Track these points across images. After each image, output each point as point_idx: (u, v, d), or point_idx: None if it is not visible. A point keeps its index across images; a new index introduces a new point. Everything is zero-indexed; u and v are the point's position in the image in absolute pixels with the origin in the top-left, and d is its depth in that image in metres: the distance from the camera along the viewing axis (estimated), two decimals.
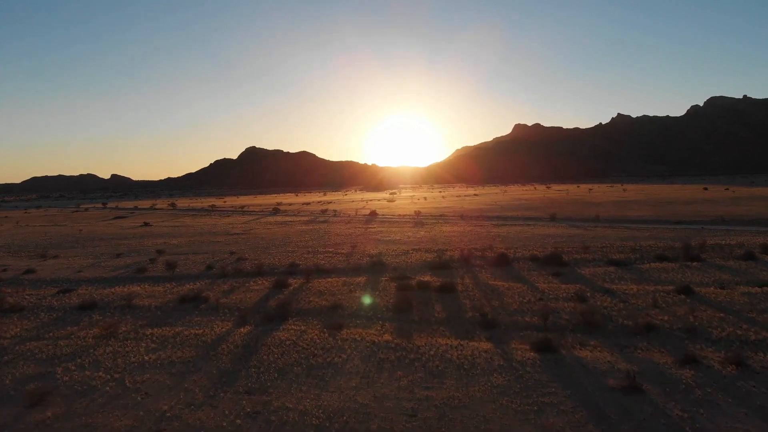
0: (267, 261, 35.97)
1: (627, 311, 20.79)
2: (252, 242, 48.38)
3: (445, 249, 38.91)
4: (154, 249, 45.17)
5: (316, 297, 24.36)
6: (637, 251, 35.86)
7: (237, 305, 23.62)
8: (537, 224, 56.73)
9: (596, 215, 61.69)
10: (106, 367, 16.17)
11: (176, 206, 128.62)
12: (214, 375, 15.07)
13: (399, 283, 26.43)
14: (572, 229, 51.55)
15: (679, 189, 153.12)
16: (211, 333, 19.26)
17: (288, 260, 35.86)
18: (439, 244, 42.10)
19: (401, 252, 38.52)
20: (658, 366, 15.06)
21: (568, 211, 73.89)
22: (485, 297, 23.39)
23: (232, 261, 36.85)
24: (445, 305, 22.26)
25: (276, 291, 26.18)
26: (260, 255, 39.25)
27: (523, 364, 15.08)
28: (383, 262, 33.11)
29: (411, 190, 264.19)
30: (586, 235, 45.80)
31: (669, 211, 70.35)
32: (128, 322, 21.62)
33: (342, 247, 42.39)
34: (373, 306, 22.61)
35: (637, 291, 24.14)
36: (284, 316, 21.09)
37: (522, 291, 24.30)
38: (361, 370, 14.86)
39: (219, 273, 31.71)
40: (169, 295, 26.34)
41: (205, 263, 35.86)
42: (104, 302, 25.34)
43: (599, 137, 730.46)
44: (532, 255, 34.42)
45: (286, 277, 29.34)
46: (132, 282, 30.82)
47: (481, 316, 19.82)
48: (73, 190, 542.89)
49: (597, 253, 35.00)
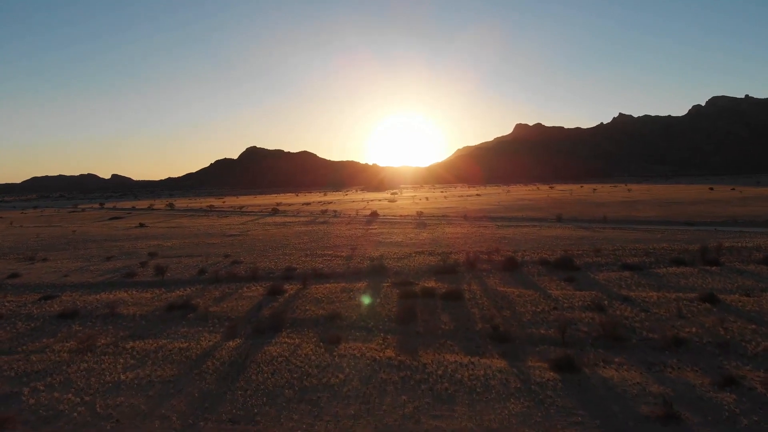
0: (263, 264, 34.31)
1: (650, 322, 19.10)
2: (248, 244, 46.72)
3: (449, 252, 37.24)
4: (147, 251, 43.53)
5: (312, 305, 22.68)
6: (651, 254, 34.16)
7: (228, 314, 21.96)
8: (543, 225, 55.04)
9: (603, 216, 59.99)
10: (77, 388, 14.51)
11: (174, 207, 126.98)
12: (196, 398, 13.39)
13: (402, 290, 24.76)
14: (580, 230, 49.84)
15: (684, 189, 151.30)
16: (197, 347, 17.59)
17: (285, 264, 34.20)
18: (443, 247, 40.42)
19: (403, 255, 36.85)
20: (694, 388, 13.38)
21: (574, 211, 72.20)
22: (495, 306, 21.71)
23: (226, 264, 35.18)
24: (452, 315, 20.58)
25: (270, 298, 24.51)
26: (256, 258, 37.59)
27: (542, 387, 13.39)
28: (385, 266, 31.44)
29: (412, 190, 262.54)
30: (595, 236, 44.10)
31: (677, 211, 68.63)
32: (109, 333, 19.97)
33: (341, 250, 40.73)
34: (374, 314, 20.94)
35: (658, 299, 22.44)
36: (278, 327, 19.43)
37: (534, 299, 22.61)
38: (361, 394, 13.18)
39: (211, 278, 30.04)
40: (157, 303, 24.68)
41: (197, 267, 34.19)
42: (86, 310, 23.68)
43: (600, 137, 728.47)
44: (542, 258, 32.72)
45: (282, 283, 27.67)
46: (119, 287, 29.17)
47: (492, 329, 18.14)
48: (73, 190, 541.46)
49: (609, 257, 33.30)
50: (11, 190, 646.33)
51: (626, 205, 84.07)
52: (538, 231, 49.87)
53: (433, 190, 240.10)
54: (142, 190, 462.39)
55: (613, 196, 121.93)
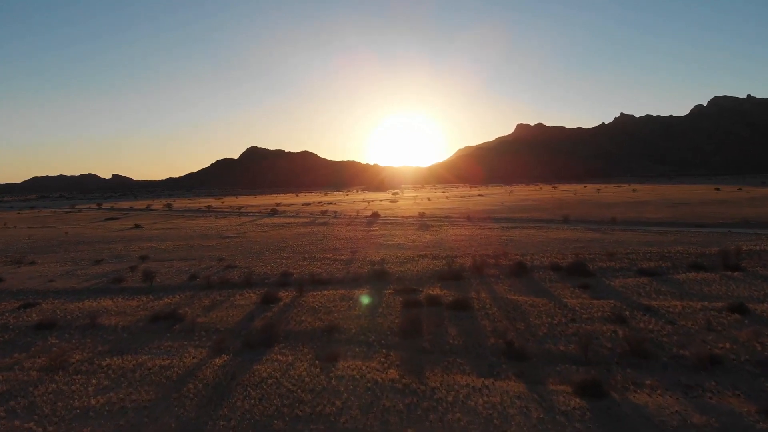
0: (258, 269, 32.62)
1: (679, 337, 17.39)
2: (245, 247, 45.02)
3: (454, 255, 35.52)
4: (139, 254, 41.86)
5: (308, 315, 20.99)
6: (668, 258, 32.44)
7: (216, 325, 20.27)
8: (550, 227, 53.29)
9: (612, 217, 58.21)
10: (41, 415, 12.84)
11: (172, 207, 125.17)
12: (173, 430, 11.69)
13: (405, 298, 23.06)
14: (589, 232, 48.10)
15: (690, 189, 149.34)
16: (180, 365, 15.90)
17: (281, 268, 32.49)
18: (447, 250, 38.71)
19: (406, 258, 35.14)
20: (741, 418, 11.69)
21: (580, 212, 70.44)
22: (507, 316, 19.99)
23: (219, 269, 33.49)
24: (460, 327, 18.87)
25: (264, 307, 22.81)
26: (251, 262, 35.89)
27: (569, 418, 11.68)
28: (386, 271, 29.74)
29: (413, 190, 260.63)
30: (605, 239, 42.36)
31: (687, 212, 66.86)
32: (86, 347, 18.29)
33: (341, 253, 39.03)
34: (375, 326, 19.24)
35: (683, 309, 20.72)
36: (270, 341, 17.73)
37: (549, 309, 20.89)
38: (360, 427, 11.47)
39: (203, 284, 28.35)
40: (142, 312, 22.99)
41: (189, 272, 32.51)
42: (66, 321, 22.01)
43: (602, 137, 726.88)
44: (552, 263, 31.00)
45: (277, 290, 25.99)
46: (105, 294, 27.50)
47: (506, 344, 16.42)
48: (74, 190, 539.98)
49: (624, 261, 31.58)
50: (11, 190, 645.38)
51: (633, 206, 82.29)
52: (545, 233, 48.13)
53: (435, 191, 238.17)
54: (143, 191, 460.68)
55: (619, 196, 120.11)
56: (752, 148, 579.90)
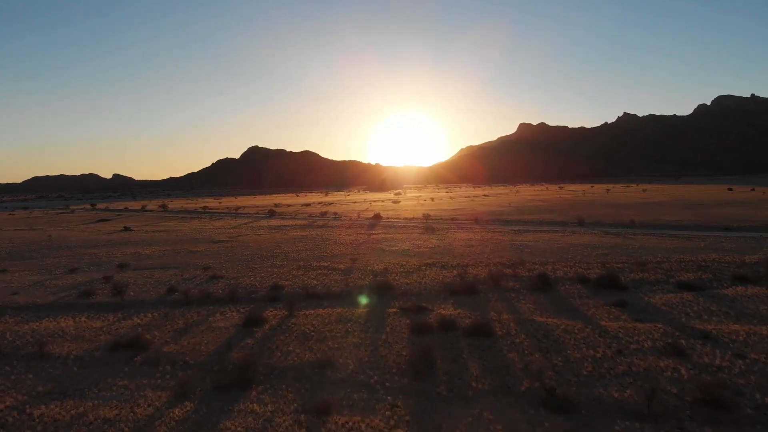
0: (246, 280, 29.12)
1: (757, 377, 13.90)
2: (235, 253, 41.53)
3: (465, 264, 31.97)
4: (119, 262, 38.41)
5: (298, 344, 17.49)
6: (706, 269, 28.87)
7: (186, 356, 16.80)
8: (565, 231, 49.65)
9: (631, 220, 54.51)
10: None
11: (167, 208, 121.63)
12: None
13: (413, 320, 19.57)
14: (609, 236, 44.49)
15: (701, 189, 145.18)
16: (130, 417, 12.44)
17: (271, 279, 28.98)
18: (457, 257, 35.18)
19: (412, 268, 31.63)
20: None
21: (594, 214, 66.70)
22: (539, 347, 16.46)
23: (203, 280, 30.00)
24: (483, 362, 15.35)
25: (245, 331, 19.32)
26: (240, 271, 32.39)
27: None
28: (390, 284, 26.21)
29: (416, 190, 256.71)
30: (629, 245, 38.76)
31: (706, 214, 63.19)
32: (23, 386, 14.85)
33: (340, 260, 35.53)
34: (378, 359, 15.77)
35: (748, 336, 17.19)
36: (247, 381, 14.28)
37: (587, 336, 17.34)
38: None
39: (180, 299, 24.88)
40: (103, 337, 19.52)
41: (168, 284, 29.03)
42: (12, 348, 18.57)
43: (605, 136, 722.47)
44: (578, 274, 27.45)
45: (264, 307, 22.53)
46: (69, 311, 24.05)
47: (546, 392, 12.89)
48: (74, 190, 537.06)
49: (658, 272, 28.00)
50: (12, 190, 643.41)
51: (648, 207, 78.58)
52: (562, 237, 44.53)
53: (438, 191, 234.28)
54: (143, 191, 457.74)
55: (629, 196, 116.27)
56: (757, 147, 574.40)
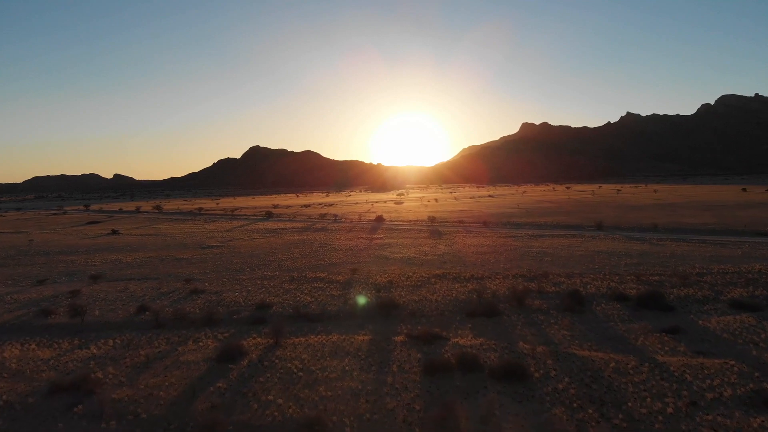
0: (229, 296, 25.45)
1: None
2: (224, 261, 37.87)
3: (480, 276, 28.24)
4: (96, 271, 34.82)
5: (281, 390, 13.78)
6: (756, 283, 25.11)
7: (139, 407, 13.11)
8: (584, 236, 45.82)
9: (653, 224, 50.61)
10: None
11: (162, 209, 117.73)
12: None
13: (425, 354, 15.91)
14: (634, 242, 40.72)
15: (715, 190, 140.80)
16: None
17: (259, 295, 25.30)
18: (469, 267, 31.48)
19: (420, 280, 27.93)
20: None
21: (610, 216, 62.75)
22: (589, 396, 12.73)
23: (181, 295, 26.33)
24: (522, 422, 11.61)
25: (219, 368, 15.62)
26: (225, 284, 28.71)
27: None
28: (395, 302, 22.52)
29: (419, 190, 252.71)
30: (659, 252, 35.01)
31: (729, 217, 59.35)
32: None
33: (338, 270, 31.85)
34: (385, 415, 12.08)
35: None
36: None
37: (646, 379, 13.60)
38: None
39: (150, 320, 21.24)
40: (46, 373, 15.87)
41: (141, 300, 25.38)
42: None
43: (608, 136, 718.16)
44: (612, 289, 23.71)
45: (246, 333, 18.88)
46: (21, 334, 20.45)
47: None
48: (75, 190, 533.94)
49: (704, 288, 24.25)
50: (12, 190, 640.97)
51: (664, 209, 74.71)
52: (582, 243, 40.78)
53: (441, 191, 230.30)
54: (143, 191, 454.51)
55: (641, 197, 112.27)
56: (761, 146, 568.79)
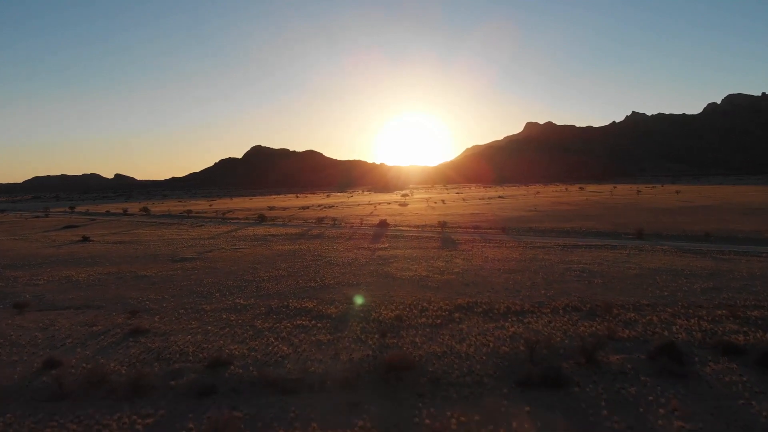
0: (178, 341, 18.42)
1: None
2: (193, 280, 30.88)
3: (520, 309, 21.13)
4: (31, 293, 27.95)
5: None
6: None
7: None
8: (627, 246, 38.49)
9: (705, 232, 43.25)
10: None
11: (149, 212, 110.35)
12: None
13: None
14: (690, 256, 33.56)
15: (740, 191, 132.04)
16: None
17: (217, 342, 18.25)
18: (500, 292, 24.40)
19: (439, 314, 20.89)
20: None
21: (645, 222, 55.27)
22: None
23: (115, 338, 19.31)
24: None
25: None
26: (179, 319, 21.66)
27: None
28: (408, 360, 15.47)
29: (423, 191, 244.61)
30: (733, 271, 27.85)
31: None
32: None
33: (331, 297, 24.82)
34: None
35: None
36: None
37: None
38: None
39: (50, 388, 14.29)
40: None
41: (55, 348, 18.39)
42: None
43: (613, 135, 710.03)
44: (711, 335, 16.63)
45: (181, 418, 11.90)
46: None
47: None
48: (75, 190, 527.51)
49: None
50: (12, 190, 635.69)
51: (699, 213, 67.37)
52: (630, 257, 33.62)
53: (447, 191, 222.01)
54: (142, 191, 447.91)
55: (664, 198, 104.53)
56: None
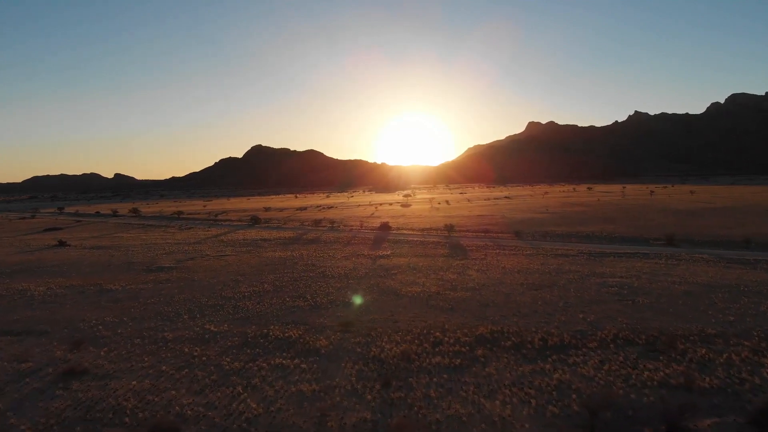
0: (117, 391, 14.02)
1: None
2: (162, 297, 26.48)
3: (558, 342, 16.72)
4: None
5: None
6: None
7: None
8: (661, 255, 34.03)
9: (745, 239, 38.79)
10: None
11: (139, 213, 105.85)
12: None
13: None
14: (738, 267, 29.17)
15: (757, 192, 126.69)
16: None
17: (166, 394, 13.82)
18: (529, 316, 19.99)
19: (456, 348, 16.52)
20: None
21: (670, 225, 50.67)
22: None
23: (42, 383, 14.82)
24: None
25: None
26: (129, 355, 17.26)
27: None
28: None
29: (426, 191, 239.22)
30: None
31: None
32: None
33: (322, 322, 20.43)
34: None
35: None
36: None
37: None
38: None
39: None
40: None
41: None
42: None
43: (616, 135, 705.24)
44: None
45: None
46: None
47: None
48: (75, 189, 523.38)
49: None
50: (11, 189, 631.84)
51: (721, 215, 62.91)
52: (670, 269, 29.17)
53: (450, 191, 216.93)
54: (141, 191, 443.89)
55: (681, 200, 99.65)
56: None
